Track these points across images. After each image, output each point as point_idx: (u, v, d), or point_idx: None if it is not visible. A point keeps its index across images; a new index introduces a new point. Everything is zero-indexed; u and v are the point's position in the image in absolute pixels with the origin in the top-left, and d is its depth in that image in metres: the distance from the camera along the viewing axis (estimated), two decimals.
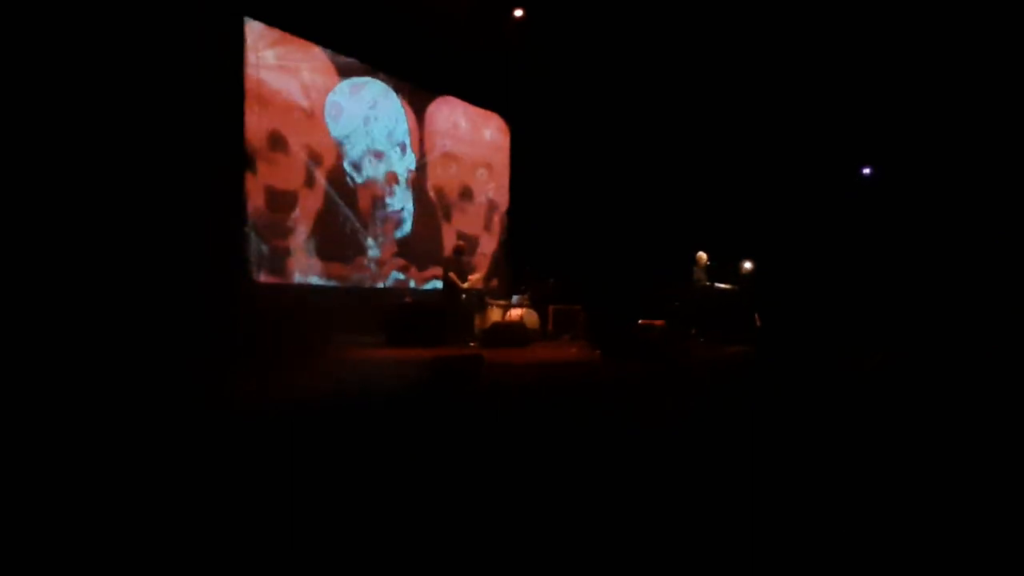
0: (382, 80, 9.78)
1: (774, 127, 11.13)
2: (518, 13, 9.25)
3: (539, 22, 9.46)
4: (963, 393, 4.54)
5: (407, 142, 10.18)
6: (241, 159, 7.71)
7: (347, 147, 9.20)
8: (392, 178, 9.89)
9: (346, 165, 9.19)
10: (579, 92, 11.16)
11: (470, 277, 8.90)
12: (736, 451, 2.83)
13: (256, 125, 7.94)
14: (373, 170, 9.60)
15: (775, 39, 9.76)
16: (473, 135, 11.43)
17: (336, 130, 9.06)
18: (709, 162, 11.46)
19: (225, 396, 4.00)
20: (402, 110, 10.13)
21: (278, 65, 8.24)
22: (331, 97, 9.02)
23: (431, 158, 10.60)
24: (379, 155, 9.69)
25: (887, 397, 4.45)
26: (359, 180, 9.37)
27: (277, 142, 8.20)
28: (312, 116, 8.72)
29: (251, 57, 7.85)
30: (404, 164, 10.10)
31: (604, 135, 11.77)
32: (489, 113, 11.71)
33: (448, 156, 10.89)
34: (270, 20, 8.12)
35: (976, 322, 8.64)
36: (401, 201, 10.03)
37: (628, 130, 11.63)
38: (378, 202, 9.65)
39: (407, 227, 10.10)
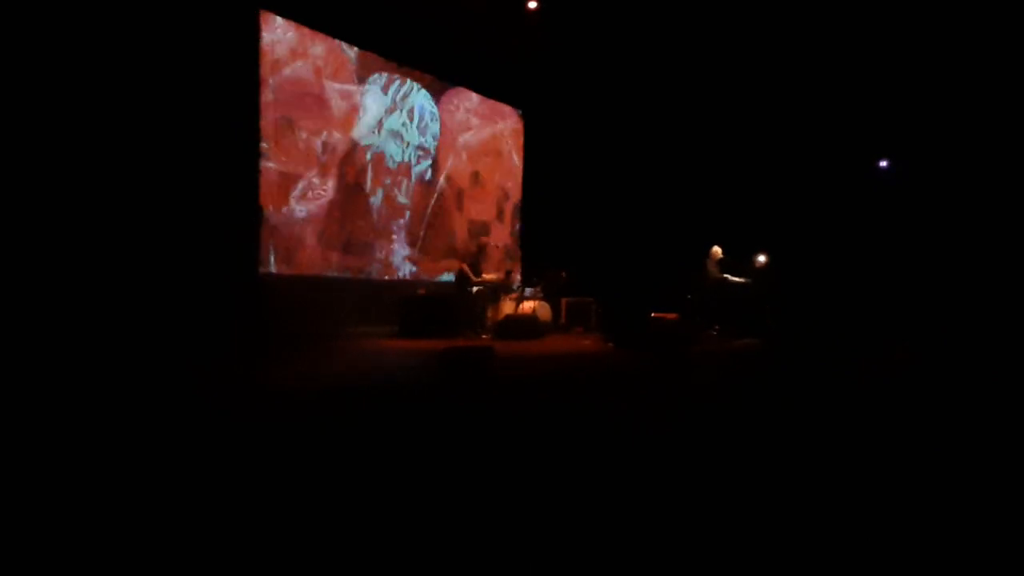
0: (399, 72, 9.78)
1: (789, 120, 11.01)
2: (532, 5, 9.21)
3: (554, 14, 9.41)
4: (981, 388, 4.48)
5: (422, 135, 10.18)
6: (255, 151, 7.75)
7: (362, 139, 9.21)
8: (406, 170, 9.90)
9: (361, 157, 9.21)
10: (594, 84, 11.11)
11: (483, 269, 8.91)
12: (740, 450, 2.82)
13: (271, 117, 7.97)
14: (388, 162, 9.61)
15: (792, 31, 9.64)
16: (488, 127, 11.42)
17: (351, 122, 9.07)
18: (724, 155, 11.37)
19: (237, 386, 4.04)
20: (418, 103, 10.13)
21: (293, 56, 8.27)
22: (348, 89, 9.04)
23: (446, 150, 10.60)
24: (394, 146, 9.70)
25: (901, 390, 4.40)
26: (374, 172, 9.38)
27: (292, 134, 8.23)
28: (327, 108, 8.74)
29: (266, 48, 7.88)
30: (419, 156, 10.11)
31: (618, 127, 11.72)
32: (504, 105, 11.69)
33: (462, 148, 10.89)
34: (287, 12, 8.14)
35: (992, 318, 8.52)
36: (415, 193, 10.05)
37: (643, 122, 11.56)
38: (392, 194, 9.67)
39: (421, 219, 10.12)
